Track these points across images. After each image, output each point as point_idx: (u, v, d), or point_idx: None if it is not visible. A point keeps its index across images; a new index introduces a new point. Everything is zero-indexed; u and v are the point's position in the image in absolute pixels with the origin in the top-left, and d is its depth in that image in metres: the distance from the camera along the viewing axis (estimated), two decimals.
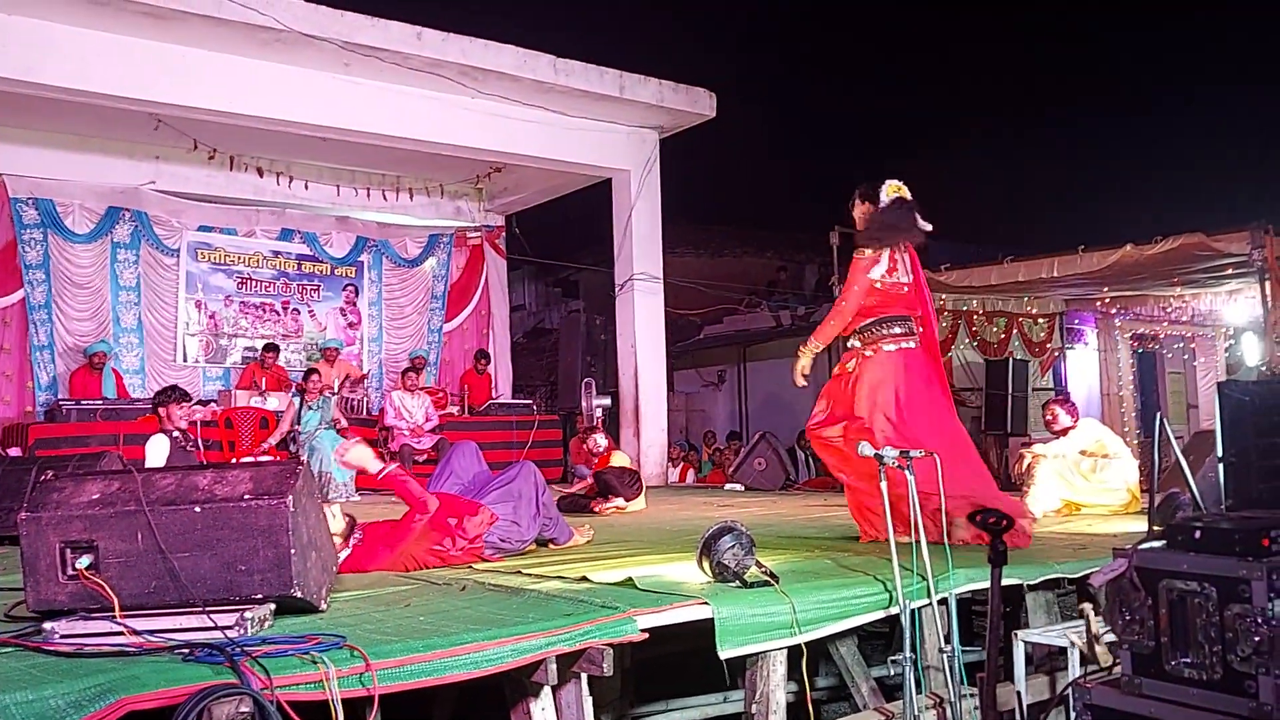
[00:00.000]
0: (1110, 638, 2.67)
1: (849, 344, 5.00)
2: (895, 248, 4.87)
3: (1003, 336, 12.51)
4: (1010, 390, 11.59)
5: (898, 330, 4.83)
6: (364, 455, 4.39)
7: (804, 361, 4.89)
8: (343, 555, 4.14)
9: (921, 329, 4.93)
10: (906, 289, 4.90)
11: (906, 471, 3.59)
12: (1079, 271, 9.98)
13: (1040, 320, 12.89)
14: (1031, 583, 4.28)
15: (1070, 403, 6.96)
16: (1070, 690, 2.58)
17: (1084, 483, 6.61)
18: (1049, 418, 6.90)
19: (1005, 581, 4.00)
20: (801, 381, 4.93)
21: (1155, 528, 2.82)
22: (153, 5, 7.77)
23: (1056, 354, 13.13)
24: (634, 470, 7.96)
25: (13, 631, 3.02)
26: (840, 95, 29.69)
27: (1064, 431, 6.78)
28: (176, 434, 6.36)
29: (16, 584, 3.94)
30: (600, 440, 8.96)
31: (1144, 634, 2.41)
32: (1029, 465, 6.66)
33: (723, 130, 11.37)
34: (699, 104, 10.76)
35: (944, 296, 11.97)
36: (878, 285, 4.82)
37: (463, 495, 4.91)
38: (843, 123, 29.38)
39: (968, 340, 12.33)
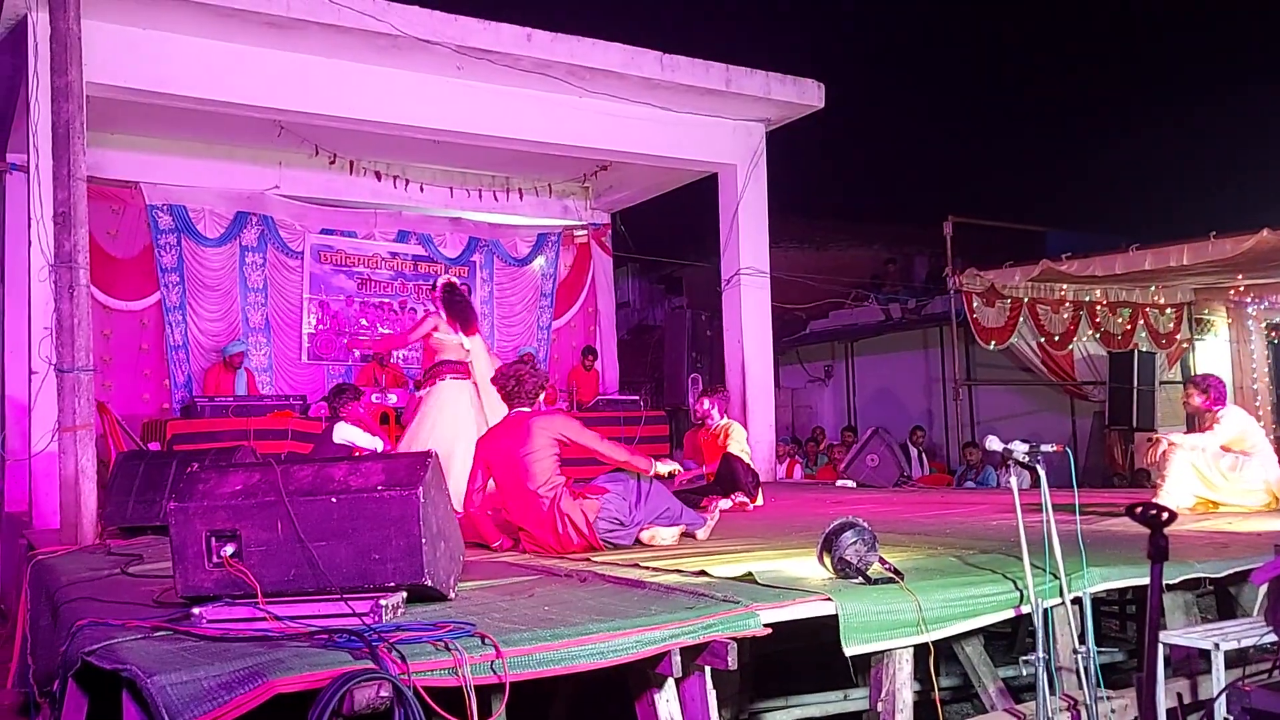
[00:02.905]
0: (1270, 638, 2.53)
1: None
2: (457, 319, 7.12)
3: (1127, 328, 12.01)
4: (1135, 384, 11.11)
5: (449, 373, 7.04)
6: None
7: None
8: None
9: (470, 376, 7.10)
10: (462, 347, 7.11)
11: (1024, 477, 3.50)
12: (1210, 259, 9.52)
13: (1167, 310, 12.33)
14: (1170, 582, 4.10)
15: (1206, 385, 6.42)
16: (1225, 693, 2.46)
17: (1222, 481, 6.24)
18: (1184, 398, 6.76)
19: (1141, 581, 3.84)
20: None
21: None
22: (275, 15, 8.06)
23: (1185, 345, 12.54)
24: (754, 469, 7.61)
25: (164, 616, 3.18)
26: (953, 82, 28.90)
27: (1198, 410, 6.51)
28: None
29: (159, 572, 4.16)
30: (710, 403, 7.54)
31: None
32: (1164, 453, 6.34)
33: (830, 120, 11.17)
34: (807, 95, 10.60)
35: (1065, 287, 11.55)
36: (438, 339, 7.07)
37: None
38: (953, 111, 28.59)
39: (1090, 332, 11.88)
